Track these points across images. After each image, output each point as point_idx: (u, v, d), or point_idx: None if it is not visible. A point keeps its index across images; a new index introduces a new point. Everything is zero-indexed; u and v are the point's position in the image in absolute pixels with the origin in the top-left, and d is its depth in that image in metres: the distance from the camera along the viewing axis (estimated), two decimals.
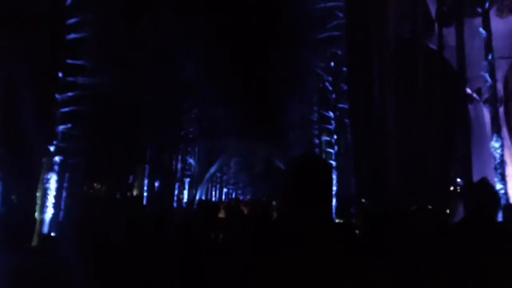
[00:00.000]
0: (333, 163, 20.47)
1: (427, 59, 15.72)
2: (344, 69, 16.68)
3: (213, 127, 35.19)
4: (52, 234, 15.21)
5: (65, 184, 16.81)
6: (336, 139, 20.19)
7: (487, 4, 12.00)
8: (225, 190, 47.70)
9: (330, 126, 20.92)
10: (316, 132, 25.82)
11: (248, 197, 47.97)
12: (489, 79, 12.28)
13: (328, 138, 21.26)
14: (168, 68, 21.40)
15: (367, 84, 15.23)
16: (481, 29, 12.21)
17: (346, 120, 17.23)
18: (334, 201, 19.75)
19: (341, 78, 18.05)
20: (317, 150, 25.82)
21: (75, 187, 16.89)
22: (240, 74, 29.88)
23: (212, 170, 34.09)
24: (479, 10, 12.21)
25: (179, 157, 27.18)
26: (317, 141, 25.57)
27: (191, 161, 30.10)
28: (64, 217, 16.06)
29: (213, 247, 7.04)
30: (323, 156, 24.82)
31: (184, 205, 27.12)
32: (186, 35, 22.02)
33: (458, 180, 17.69)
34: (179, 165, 27.06)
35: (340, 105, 17.92)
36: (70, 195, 16.62)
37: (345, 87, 17.34)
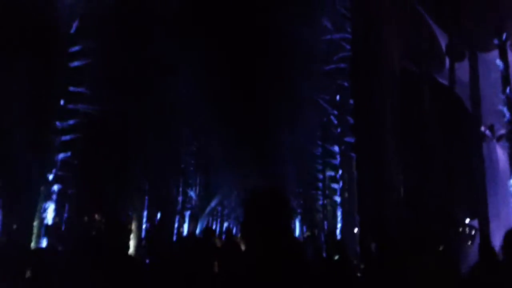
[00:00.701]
0: (338, 199, 19.99)
1: (436, 94, 15.39)
2: (351, 101, 16.31)
3: (213, 162, 34.84)
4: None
5: (65, 215, 16.42)
6: (340, 174, 19.74)
7: (504, 36, 11.71)
8: (226, 224, 47.00)
9: (334, 161, 20.49)
10: (320, 167, 25.39)
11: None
12: (507, 114, 11.88)
13: (332, 173, 20.81)
14: (169, 98, 21.12)
15: (374, 118, 14.80)
16: (498, 61, 11.89)
17: (352, 155, 16.79)
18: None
19: (347, 111, 17.71)
20: (320, 185, 25.40)
21: (72, 218, 16.46)
22: (241, 107, 29.60)
23: (213, 204, 33.48)
24: (496, 41, 11.91)
25: (180, 190, 26.71)
26: (320, 176, 25.13)
27: (191, 194, 29.59)
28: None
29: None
30: (327, 192, 24.47)
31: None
32: (186, 65, 21.78)
33: (467, 220, 17.18)
34: (179, 198, 26.56)
35: (346, 139, 17.54)
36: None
37: (351, 121, 16.97)
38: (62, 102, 14.99)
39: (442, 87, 15.60)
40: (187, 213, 28.33)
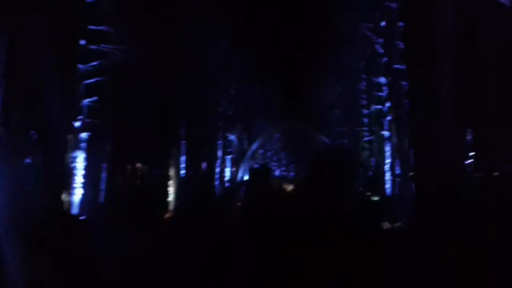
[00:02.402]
0: (386, 133, 18.57)
1: (494, 14, 13.72)
2: (401, 23, 14.75)
3: (252, 105, 33.84)
4: (82, 217, 14.01)
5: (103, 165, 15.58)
6: (388, 107, 18.24)
7: None
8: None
9: (381, 94, 18.95)
10: (365, 102, 23.90)
11: (291, 174, 46.53)
12: None
13: (379, 107, 19.29)
14: (201, 38, 19.80)
15: (428, 41, 13.27)
16: None
17: (404, 83, 15.28)
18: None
19: (395, 37, 16.09)
20: (365, 120, 23.98)
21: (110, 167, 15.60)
22: (277, 46, 28.11)
23: (254, 147, 32.53)
24: None
25: (219, 134, 25.71)
26: (365, 111, 23.66)
27: (232, 137, 28.57)
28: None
29: None
30: (372, 128, 23.07)
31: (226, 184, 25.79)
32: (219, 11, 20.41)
33: None
34: (219, 142, 25.57)
35: (396, 66, 15.94)
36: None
37: (401, 45, 15.37)
38: (83, 42, 13.85)
39: (501, 5, 14.08)
40: (228, 157, 27.37)
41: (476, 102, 13.88)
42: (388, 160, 18.27)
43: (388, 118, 18.15)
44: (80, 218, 13.77)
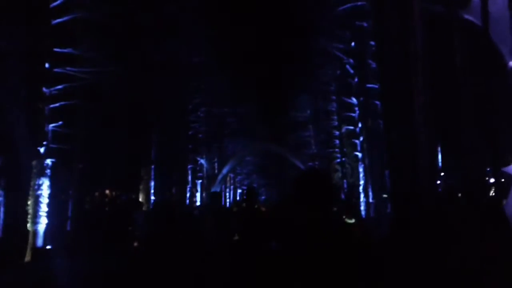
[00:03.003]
0: (359, 154, 18.40)
1: (464, 32, 13.75)
2: (372, 43, 14.62)
3: (222, 127, 33.48)
4: (48, 247, 13.35)
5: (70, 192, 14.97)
6: (360, 128, 18.10)
7: None
8: (239, 191, 45.72)
9: (353, 114, 18.81)
10: (335, 123, 23.80)
11: (263, 197, 46.08)
12: None
13: (351, 127, 19.14)
14: (172, 59, 19.44)
15: (400, 60, 13.11)
16: None
17: (377, 102, 15.12)
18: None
19: (366, 56, 16.00)
20: (337, 142, 23.84)
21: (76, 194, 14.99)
22: (248, 68, 27.99)
23: (225, 170, 32.10)
24: None
25: (189, 157, 25.20)
26: (337, 132, 23.54)
27: (202, 161, 28.08)
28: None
29: None
30: (344, 150, 22.94)
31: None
32: (188, 22, 20.11)
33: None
34: (189, 166, 25.06)
35: (369, 85, 15.79)
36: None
37: (373, 65, 15.24)
38: (47, 65, 13.33)
39: (470, 24, 14.11)
40: (199, 182, 26.86)
41: (450, 119, 13.85)
42: (361, 182, 18.05)
43: (361, 138, 17.98)
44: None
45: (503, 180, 15.66)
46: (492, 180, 18.97)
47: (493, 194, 15.33)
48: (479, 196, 12.82)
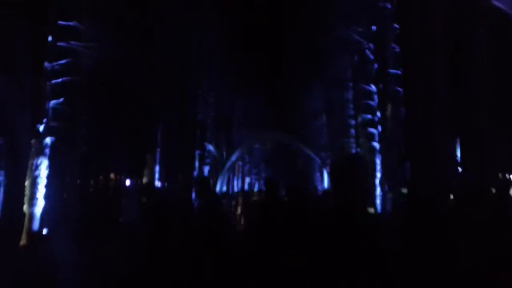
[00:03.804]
0: (377, 145, 17.46)
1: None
2: (396, 26, 13.72)
3: (231, 113, 32.71)
4: (44, 231, 12.62)
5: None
6: (379, 117, 17.15)
7: None
8: (247, 180, 44.87)
9: (371, 102, 17.84)
10: (351, 112, 22.84)
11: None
12: None
13: (369, 116, 18.18)
14: (181, 40, 18.57)
15: (425, 44, 12.24)
16: None
17: (399, 89, 14.20)
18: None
19: (389, 40, 15.05)
20: (352, 131, 22.92)
21: (72, 176, 14.17)
22: (259, 54, 27.07)
23: (233, 158, 31.20)
24: None
25: (197, 143, 24.33)
26: (352, 121, 22.58)
27: (210, 147, 27.23)
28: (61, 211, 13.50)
29: None
30: (360, 140, 22.04)
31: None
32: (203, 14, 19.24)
33: None
34: (196, 152, 24.21)
35: (391, 71, 14.85)
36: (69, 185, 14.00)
37: (397, 49, 14.31)
38: (50, 38, 12.52)
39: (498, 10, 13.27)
40: (206, 168, 26.00)
41: (472, 110, 13.06)
42: (378, 174, 17.14)
43: (379, 128, 17.05)
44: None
45: None
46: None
47: None
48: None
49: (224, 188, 30.15)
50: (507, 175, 18.40)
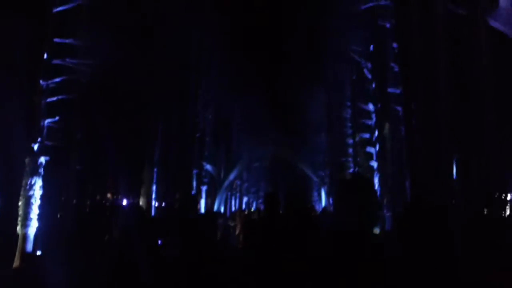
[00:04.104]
0: (374, 164, 17.30)
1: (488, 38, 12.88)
2: (395, 45, 13.63)
3: (230, 129, 32.53)
4: (38, 252, 12.37)
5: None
6: (377, 136, 17.00)
7: None
8: (245, 199, 44.59)
9: (369, 121, 17.71)
10: (350, 131, 22.73)
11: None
12: None
13: (367, 135, 18.04)
14: (179, 56, 18.46)
15: (424, 63, 12.19)
16: None
17: (398, 108, 14.07)
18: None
19: (388, 59, 14.94)
20: (350, 150, 22.77)
21: (67, 196, 13.95)
22: (257, 69, 26.98)
23: (231, 177, 31.02)
24: None
25: (194, 162, 24.11)
26: (350, 140, 22.45)
27: (207, 167, 27.01)
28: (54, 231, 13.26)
29: None
30: (358, 159, 21.91)
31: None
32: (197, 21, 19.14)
33: None
34: (194, 171, 23.99)
35: (391, 90, 14.71)
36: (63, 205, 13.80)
37: (395, 68, 14.20)
38: (45, 56, 12.38)
39: (494, 31, 13.19)
40: (204, 188, 25.76)
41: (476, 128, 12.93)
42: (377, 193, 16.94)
43: (377, 147, 16.90)
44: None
45: None
46: None
47: None
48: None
49: (222, 208, 29.91)
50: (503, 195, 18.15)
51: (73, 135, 13.35)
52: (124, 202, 17.58)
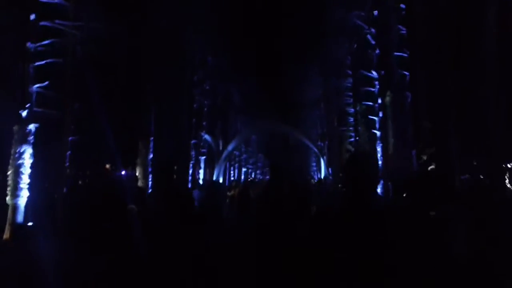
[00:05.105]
0: (377, 133, 16.74)
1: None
2: (402, 5, 13.00)
3: (228, 102, 32.00)
4: (29, 224, 11.89)
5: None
6: (380, 104, 16.42)
7: None
8: (244, 169, 44.29)
9: (372, 89, 17.10)
10: (350, 100, 22.18)
11: (267, 177, 44.64)
12: None
13: (370, 103, 17.44)
14: (176, 24, 17.76)
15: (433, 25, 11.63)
16: None
17: (406, 73, 13.47)
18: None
19: (394, 22, 14.28)
20: (351, 120, 22.27)
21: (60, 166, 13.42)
22: (255, 41, 26.33)
23: (230, 147, 30.47)
24: None
25: (192, 132, 23.60)
26: (351, 110, 21.92)
27: (206, 137, 26.49)
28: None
29: None
30: (359, 128, 21.44)
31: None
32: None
33: None
34: (192, 141, 23.49)
35: (397, 53, 14.07)
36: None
37: (403, 30, 13.55)
38: (33, 16, 11.71)
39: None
40: (202, 158, 25.29)
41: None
42: (379, 162, 16.41)
43: (380, 115, 16.33)
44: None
45: None
46: None
47: None
48: None
49: (221, 178, 29.51)
50: None
51: (65, 102, 12.76)
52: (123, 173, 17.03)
